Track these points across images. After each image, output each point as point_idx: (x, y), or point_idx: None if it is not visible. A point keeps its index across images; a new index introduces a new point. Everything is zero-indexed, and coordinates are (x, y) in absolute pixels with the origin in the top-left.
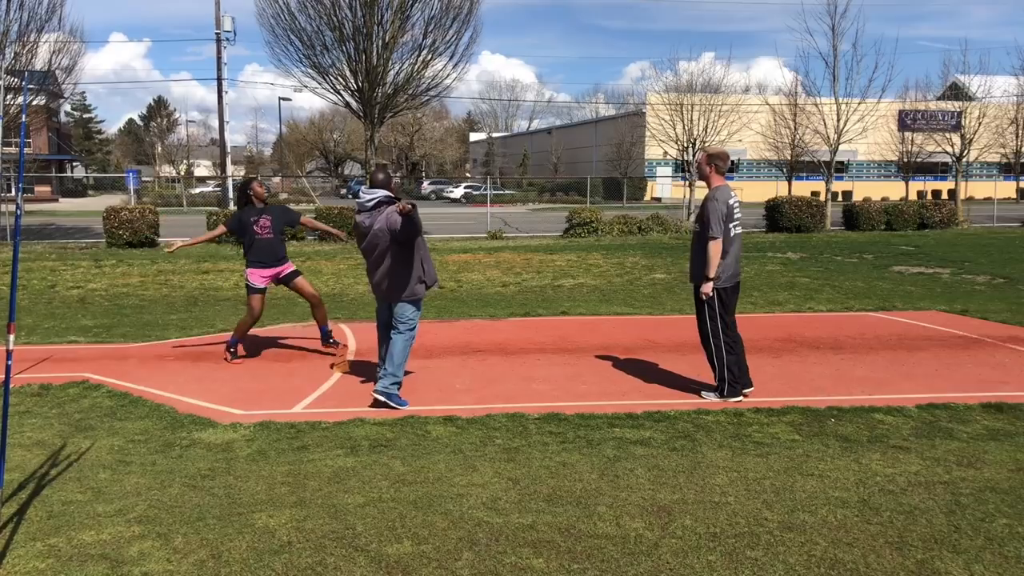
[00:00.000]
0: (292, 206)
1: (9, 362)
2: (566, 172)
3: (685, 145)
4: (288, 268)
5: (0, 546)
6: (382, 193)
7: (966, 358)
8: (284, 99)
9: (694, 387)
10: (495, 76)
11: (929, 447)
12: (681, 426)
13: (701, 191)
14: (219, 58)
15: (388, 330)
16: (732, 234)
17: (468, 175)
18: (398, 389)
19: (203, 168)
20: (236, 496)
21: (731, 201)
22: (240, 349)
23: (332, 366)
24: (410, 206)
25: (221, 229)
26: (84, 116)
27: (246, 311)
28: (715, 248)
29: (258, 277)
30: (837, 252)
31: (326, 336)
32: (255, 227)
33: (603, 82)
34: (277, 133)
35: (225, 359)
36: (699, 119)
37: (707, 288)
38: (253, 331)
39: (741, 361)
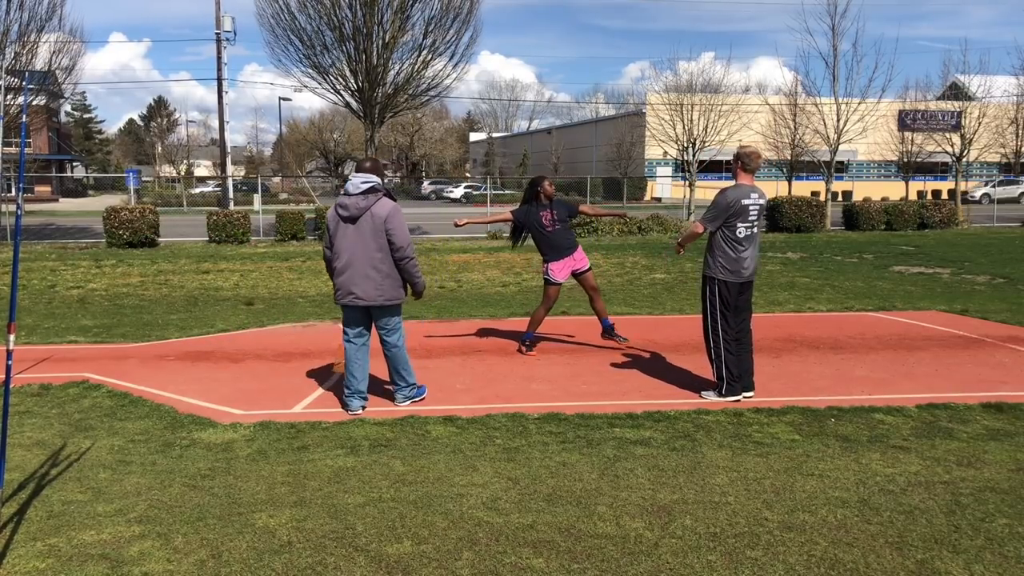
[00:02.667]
0: (292, 206)
1: (9, 362)
2: (566, 172)
3: (685, 145)
4: (585, 263)
5: (0, 546)
6: (375, 179)
7: (966, 358)
8: (284, 99)
9: (694, 387)
10: (495, 76)
11: (929, 447)
12: (681, 426)
13: (701, 191)
14: (219, 58)
15: (361, 341)
16: (741, 234)
17: (468, 175)
18: (415, 391)
19: (203, 168)
20: (236, 496)
21: (745, 201)
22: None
23: (332, 366)
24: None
25: (508, 216)
26: (84, 116)
27: (543, 301)
28: (694, 227)
29: (559, 272)
30: (837, 252)
31: (610, 329)
32: (542, 219)
33: (603, 82)
34: (277, 133)
35: (520, 351)
36: (699, 119)
37: (676, 246)
38: (253, 330)
39: (743, 362)
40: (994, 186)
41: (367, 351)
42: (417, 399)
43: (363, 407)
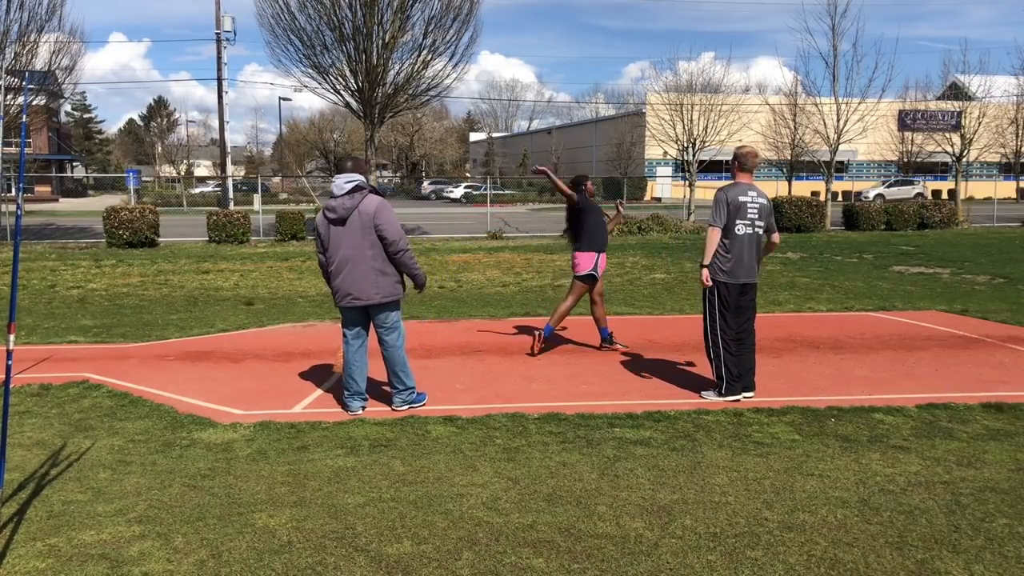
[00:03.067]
0: (292, 206)
1: (9, 362)
2: (566, 172)
3: (685, 145)
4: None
5: (0, 546)
6: (358, 177)
7: (966, 358)
8: (284, 99)
9: (694, 387)
10: (495, 76)
11: (929, 447)
12: (681, 426)
13: (701, 191)
14: (219, 58)
15: (359, 343)
16: (740, 232)
17: (468, 175)
18: (414, 395)
19: (203, 168)
20: (236, 496)
21: (743, 199)
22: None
23: (333, 366)
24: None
25: (570, 191)
26: (84, 116)
27: (572, 295)
28: (711, 235)
29: (601, 265)
30: (837, 252)
31: (608, 338)
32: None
33: (603, 82)
34: (277, 133)
35: (532, 350)
36: (699, 119)
37: (703, 276)
38: (253, 330)
39: (743, 362)
40: (888, 186)
41: (365, 352)
42: (416, 405)
43: (363, 407)
